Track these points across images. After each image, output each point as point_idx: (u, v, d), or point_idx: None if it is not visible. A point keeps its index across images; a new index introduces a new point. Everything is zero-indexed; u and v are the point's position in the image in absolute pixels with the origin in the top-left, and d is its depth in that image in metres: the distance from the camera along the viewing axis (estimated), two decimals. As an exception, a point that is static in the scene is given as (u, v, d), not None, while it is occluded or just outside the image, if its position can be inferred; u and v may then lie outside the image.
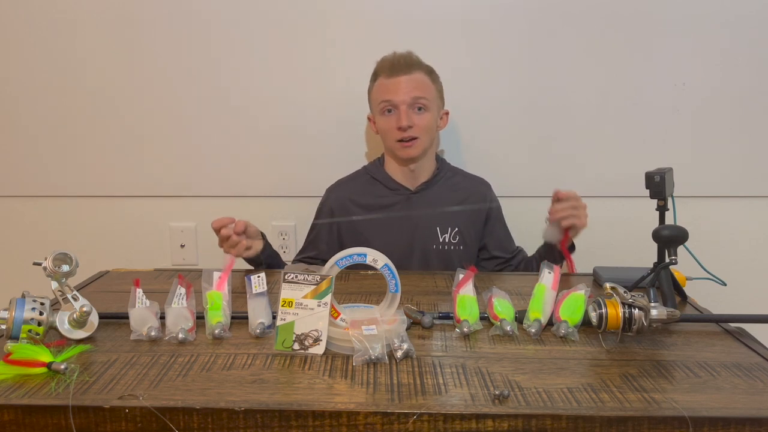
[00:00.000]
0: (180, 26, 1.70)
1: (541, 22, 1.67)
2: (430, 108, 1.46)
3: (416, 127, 1.43)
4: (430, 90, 1.47)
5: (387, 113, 1.46)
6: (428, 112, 1.46)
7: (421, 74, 1.46)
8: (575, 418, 0.71)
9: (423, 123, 1.45)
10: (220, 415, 0.72)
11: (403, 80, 1.44)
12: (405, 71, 1.44)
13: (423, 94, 1.44)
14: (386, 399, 0.74)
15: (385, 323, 0.91)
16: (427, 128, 1.46)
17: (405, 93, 1.43)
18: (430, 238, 1.50)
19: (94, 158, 1.78)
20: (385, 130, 1.48)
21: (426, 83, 1.46)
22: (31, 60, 1.74)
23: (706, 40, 1.66)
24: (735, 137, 1.70)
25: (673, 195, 1.11)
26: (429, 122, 1.46)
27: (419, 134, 1.44)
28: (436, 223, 1.49)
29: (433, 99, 1.47)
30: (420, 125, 1.44)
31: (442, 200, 1.51)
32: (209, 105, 1.74)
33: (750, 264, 1.74)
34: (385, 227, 1.50)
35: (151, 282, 1.27)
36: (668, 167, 1.12)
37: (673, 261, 1.05)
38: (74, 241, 1.80)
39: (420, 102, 1.44)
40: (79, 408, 0.73)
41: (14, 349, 0.83)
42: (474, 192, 1.55)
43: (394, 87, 1.44)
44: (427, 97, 1.45)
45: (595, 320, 0.92)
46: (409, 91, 1.43)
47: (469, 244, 1.52)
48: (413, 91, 1.43)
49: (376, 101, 1.48)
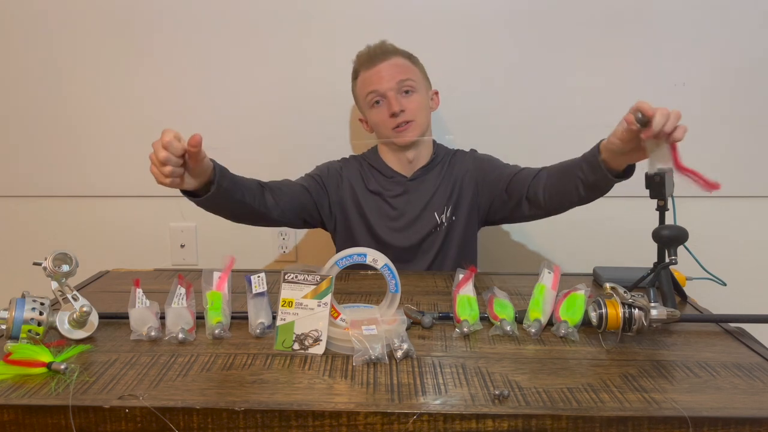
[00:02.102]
0: (178, 26, 1.70)
1: (541, 22, 1.67)
2: (418, 89, 1.43)
3: (408, 110, 1.40)
4: (414, 72, 1.44)
5: (376, 105, 1.43)
6: (417, 93, 1.42)
7: (399, 58, 1.43)
8: (575, 419, 0.71)
9: (414, 105, 1.41)
10: (220, 415, 0.72)
11: (383, 67, 1.41)
12: (383, 58, 1.41)
13: (407, 76, 1.41)
14: (386, 399, 0.74)
15: (385, 323, 0.91)
16: (418, 109, 1.42)
17: (389, 79, 1.40)
18: (429, 222, 1.46)
19: (94, 158, 1.78)
20: (377, 122, 1.44)
21: (407, 66, 1.43)
22: (31, 60, 1.74)
23: (706, 40, 1.66)
24: (735, 137, 1.70)
25: (673, 195, 1.11)
26: (420, 103, 1.43)
27: (413, 117, 1.41)
28: (434, 208, 1.47)
29: (418, 80, 1.44)
30: (411, 108, 1.41)
31: (438, 184, 1.48)
32: (209, 104, 1.74)
33: (750, 264, 1.74)
34: (382, 215, 1.48)
35: (151, 282, 1.27)
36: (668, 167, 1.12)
37: (673, 261, 1.05)
38: (74, 241, 1.80)
39: (406, 85, 1.41)
40: (79, 408, 0.73)
41: (14, 349, 0.83)
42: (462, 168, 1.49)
43: (377, 76, 1.41)
44: (412, 78, 1.42)
45: (595, 320, 0.92)
46: (393, 76, 1.40)
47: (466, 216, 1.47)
48: (397, 75, 1.40)
49: (362, 96, 1.45)
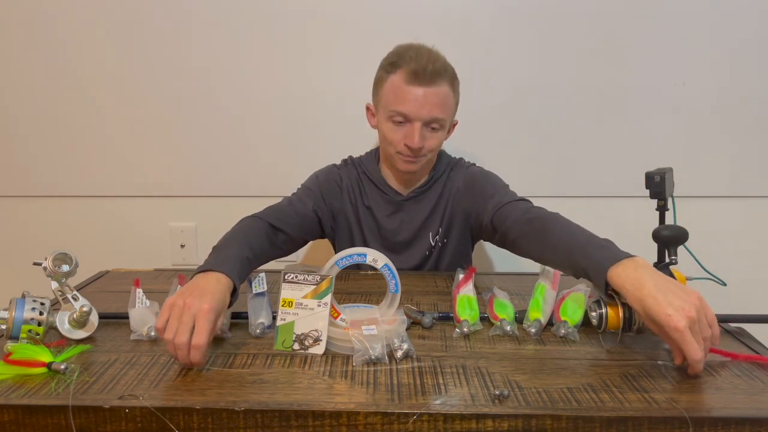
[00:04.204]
0: (179, 26, 1.70)
1: (540, 22, 1.67)
2: (445, 127, 1.32)
3: (426, 148, 1.30)
4: (450, 107, 1.30)
5: (396, 123, 1.29)
6: (441, 131, 1.31)
7: (445, 87, 1.27)
8: (575, 419, 0.71)
9: (433, 144, 1.31)
10: (220, 415, 0.72)
11: (427, 93, 1.24)
12: (429, 82, 1.24)
13: (442, 115, 1.27)
14: (386, 399, 0.74)
15: (385, 323, 0.92)
16: (435, 148, 1.34)
17: (424, 111, 1.25)
18: (422, 243, 1.43)
19: (94, 158, 1.78)
20: (389, 138, 1.32)
21: (448, 98, 1.28)
22: (30, 59, 1.74)
23: (706, 40, 1.66)
24: (736, 137, 1.70)
25: (673, 195, 1.11)
26: (439, 141, 1.33)
27: (426, 153, 1.32)
28: (428, 228, 1.42)
29: (449, 116, 1.32)
30: (430, 146, 1.31)
31: (432, 205, 1.41)
32: (209, 104, 1.74)
33: (750, 264, 1.74)
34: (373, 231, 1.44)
35: (151, 282, 1.27)
36: (668, 167, 1.12)
37: (673, 261, 1.05)
38: (74, 241, 1.80)
39: (437, 123, 1.28)
40: (79, 408, 0.73)
41: (14, 349, 0.83)
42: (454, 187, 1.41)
43: (413, 99, 1.25)
44: (445, 117, 1.29)
45: (595, 320, 0.92)
46: (430, 109, 1.25)
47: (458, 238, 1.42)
48: (433, 110, 1.26)
49: (386, 104, 1.29)
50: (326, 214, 1.40)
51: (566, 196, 1.74)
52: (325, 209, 1.40)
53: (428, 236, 1.42)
